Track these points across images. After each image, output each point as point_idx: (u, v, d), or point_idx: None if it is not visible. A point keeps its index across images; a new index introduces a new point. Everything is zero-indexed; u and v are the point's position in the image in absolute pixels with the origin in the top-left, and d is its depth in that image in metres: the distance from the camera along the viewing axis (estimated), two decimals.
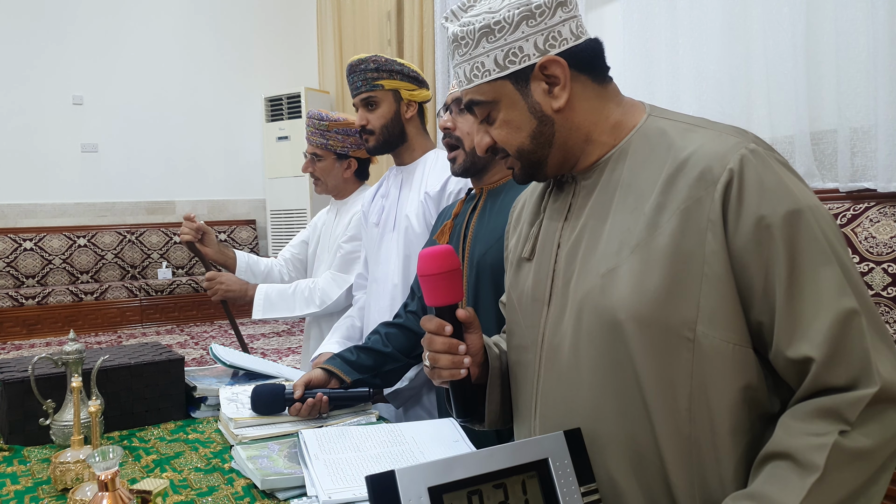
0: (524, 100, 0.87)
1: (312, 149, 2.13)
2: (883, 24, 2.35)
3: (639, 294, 0.79)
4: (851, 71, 2.51)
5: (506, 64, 0.85)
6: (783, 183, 0.77)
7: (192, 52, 6.82)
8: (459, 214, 1.50)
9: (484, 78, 0.87)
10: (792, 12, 2.69)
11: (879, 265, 2.23)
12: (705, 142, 0.81)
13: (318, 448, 1.12)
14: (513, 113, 0.88)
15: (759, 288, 0.76)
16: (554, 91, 0.86)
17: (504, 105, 0.88)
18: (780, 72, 2.79)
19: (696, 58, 3.11)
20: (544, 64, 0.85)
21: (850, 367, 0.72)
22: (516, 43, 0.84)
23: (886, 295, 2.20)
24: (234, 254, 2.21)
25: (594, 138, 0.89)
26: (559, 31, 0.85)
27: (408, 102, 1.78)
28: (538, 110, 0.87)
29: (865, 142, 2.50)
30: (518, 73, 0.86)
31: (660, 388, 0.79)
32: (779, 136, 2.85)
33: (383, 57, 1.74)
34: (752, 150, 0.78)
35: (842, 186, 2.51)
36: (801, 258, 0.74)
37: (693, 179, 0.79)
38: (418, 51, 5.35)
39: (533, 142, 0.89)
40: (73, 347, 1.21)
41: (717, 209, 0.77)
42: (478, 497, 0.77)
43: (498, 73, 0.86)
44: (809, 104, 2.66)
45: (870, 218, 2.30)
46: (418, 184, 1.78)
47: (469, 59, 0.87)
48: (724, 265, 0.77)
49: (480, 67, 0.87)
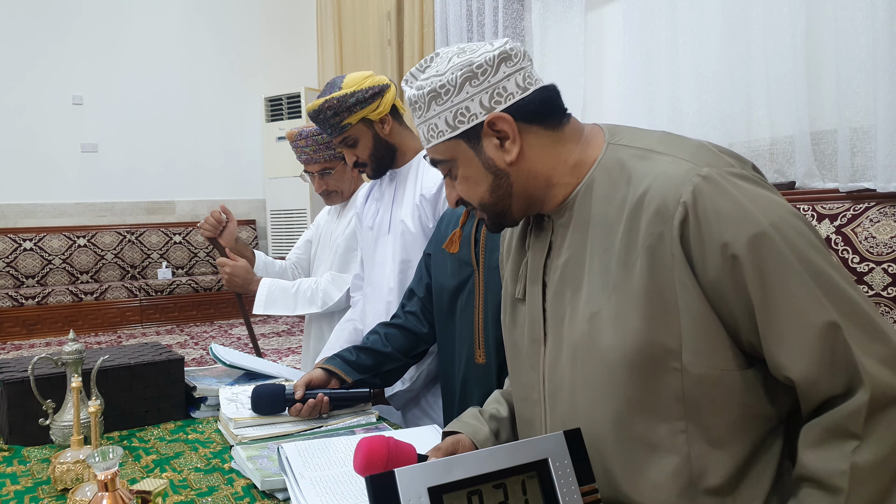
0: (478, 156, 0.89)
1: (320, 166, 2.06)
2: (883, 24, 2.35)
3: (623, 335, 0.81)
4: (851, 71, 2.51)
5: (456, 124, 0.87)
6: (740, 206, 0.76)
7: (192, 53, 6.82)
8: (467, 222, 1.49)
9: (439, 138, 0.89)
10: (792, 12, 2.69)
11: (879, 265, 2.23)
12: (659, 172, 0.80)
13: (303, 465, 1.08)
14: (469, 169, 0.90)
15: (740, 315, 0.77)
16: (505, 145, 0.88)
17: (461, 162, 0.90)
18: (780, 72, 2.79)
19: (696, 58, 3.11)
20: (491, 121, 0.86)
21: (839, 377, 0.73)
22: (462, 103, 0.86)
23: (886, 295, 2.20)
24: (253, 254, 2.22)
25: (555, 181, 0.90)
26: (504, 86, 0.86)
27: (381, 120, 1.73)
28: (492, 165, 0.89)
29: (865, 142, 2.50)
30: (468, 132, 0.88)
31: (655, 417, 0.81)
32: (779, 136, 2.85)
33: (334, 98, 1.65)
34: (705, 175, 0.77)
35: (842, 186, 2.51)
36: (771, 280, 0.74)
37: (652, 215, 0.79)
38: (419, 51, 5.35)
39: (492, 195, 0.91)
40: (72, 347, 1.21)
41: (678, 245, 0.77)
42: (477, 497, 0.77)
43: (450, 133, 0.88)
44: (809, 104, 2.66)
45: (870, 218, 2.30)
46: (412, 186, 1.77)
47: (424, 122, 0.90)
48: (699, 297, 0.77)
49: (434, 129, 0.89)
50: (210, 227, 2.10)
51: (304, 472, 1.06)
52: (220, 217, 2.12)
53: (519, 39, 4.43)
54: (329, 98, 1.66)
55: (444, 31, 4.98)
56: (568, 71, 4.03)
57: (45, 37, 6.15)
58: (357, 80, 1.69)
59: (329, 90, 1.69)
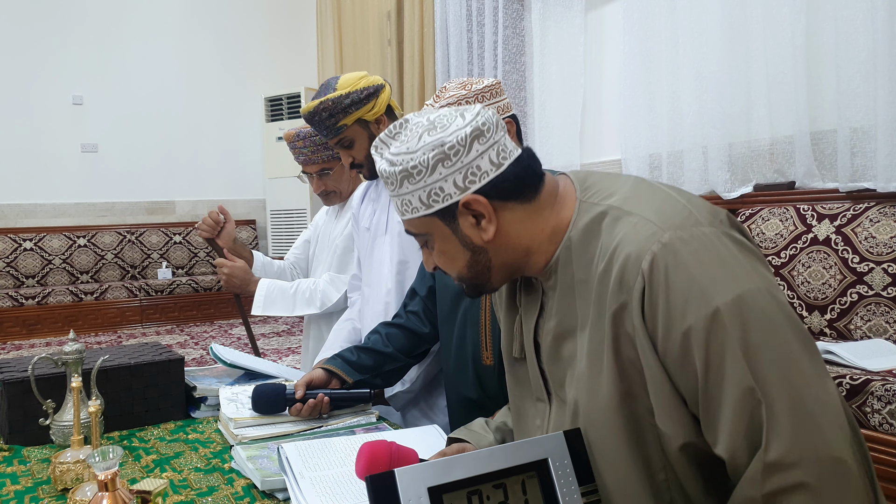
0: (454, 234, 0.87)
1: (318, 166, 2.07)
2: (883, 24, 2.35)
3: (608, 400, 0.82)
4: (851, 71, 2.51)
5: (430, 202, 0.85)
6: (695, 282, 0.74)
7: (191, 52, 6.82)
8: None
9: (413, 214, 0.87)
10: (792, 12, 2.69)
11: (879, 265, 2.23)
12: (624, 236, 0.80)
13: (303, 465, 1.08)
14: (446, 244, 0.88)
15: (688, 390, 0.77)
16: (482, 224, 0.86)
17: (437, 237, 0.89)
18: (780, 72, 2.79)
19: (696, 58, 3.11)
20: (466, 202, 0.84)
21: (747, 451, 0.73)
22: (436, 184, 0.84)
23: (886, 295, 2.20)
24: (251, 254, 2.21)
25: (535, 249, 0.89)
26: (477, 165, 0.84)
27: (376, 120, 1.72)
28: (469, 242, 0.87)
29: (865, 142, 2.50)
30: (443, 210, 0.85)
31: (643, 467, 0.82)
32: (779, 136, 2.85)
33: (329, 99, 1.65)
34: (666, 242, 0.76)
35: (842, 186, 2.51)
36: (713, 359, 0.73)
37: (616, 283, 0.79)
38: (419, 51, 5.35)
39: (470, 270, 0.90)
40: (72, 347, 1.21)
41: (639, 317, 0.77)
42: (477, 497, 0.77)
43: (425, 210, 0.86)
44: (809, 104, 2.67)
45: (870, 218, 2.30)
46: None
47: (398, 196, 0.87)
48: (658, 368, 0.78)
49: (409, 204, 0.87)
50: (208, 228, 2.10)
51: (304, 472, 1.06)
52: (218, 217, 2.11)
53: (519, 39, 4.43)
54: (324, 99, 1.66)
55: (444, 31, 4.98)
56: (568, 71, 4.03)
57: (46, 37, 6.15)
58: (352, 80, 1.69)
59: (324, 91, 1.69)
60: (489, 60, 4.54)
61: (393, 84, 5.73)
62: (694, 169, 3.17)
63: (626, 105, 3.51)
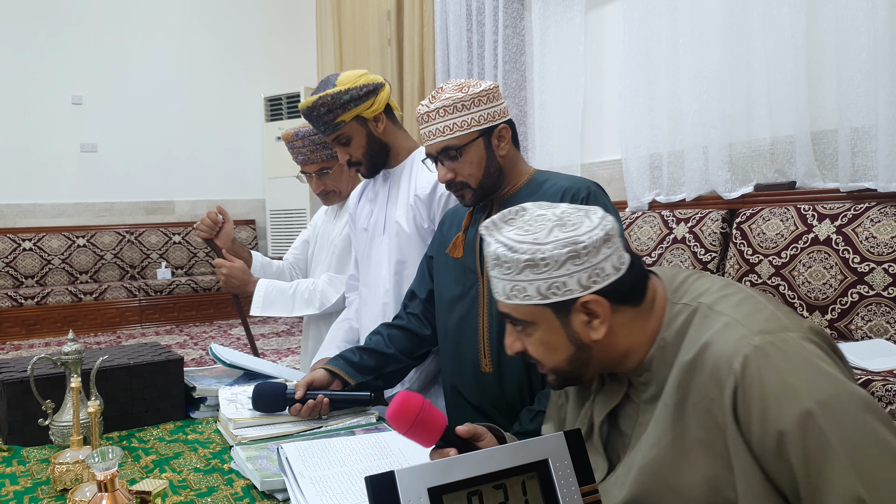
0: (563, 328, 0.89)
1: (317, 166, 2.05)
2: (883, 24, 2.35)
3: (692, 490, 0.83)
4: (851, 71, 2.51)
5: (548, 294, 0.87)
6: (787, 385, 0.77)
7: (191, 52, 6.82)
8: (470, 226, 1.47)
9: (525, 301, 0.88)
10: (792, 12, 2.69)
11: (880, 265, 2.23)
12: (714, 335, 0.83)
13: (303, 465, 1.08)
14: (551, 336, 0.90)
15: (788, 487, 0.78)
16: (593, 323, 0.88)
17: (542, 328, 0.90)
18: (780, 72, 2.78)
19: (696, 58, 3.11)
20: (587, 301, 0.87)
21: None
22: (560, 278, 0.86)
23: (887, 295, 2.20)
24: (249, 254, 2.20)
25: (633, 350, 0.91)
26: (602, 267, 0.86)
27: (374, 118, 1.72)
28: (577, 339, 0.89)
29: (866, 142, 2.50)
30: (559, 304, 0.87)
31: None
32: (779, 135, 2.85)
33: (328, 95, 1.64)
34: (757, 345, 0.80)
35: (842, 186, 2.51)
36: (814, 461, 0.75)
37: (706, 379, 0.82)
38: (419, 51, 5.35)
39: (570, 364, 0.91)
40: (72, 348, 1.21)
41: (730, 414, 0.80)
42: (478, 498, 0.77)
43: (539, 300, 0.87)
44: (810, 104, 2.66)
45: (870, 218, 2.30)
46: (406, 186, 1.76)
47: (510, 280, 0.88)
48: (751, 463, 0.79)
49: (521, 291, 0.88)
50: (206, 228, 2.09)
51: (304, 472, 1.06)
52: (217, 218, 2.10)
53: (519, 39, 4.42)
54: (323, 95, 1.65)
55: (444, 31, 4.98)
56: (568, 71, 4.03)
57: (45, 37, 6.15)
58: (351, 77, 1.69)
59: (323, 87, 1.68)
60: (489, 60, 4.54)
61: (393, 84, 5.72)
62: (694, 169, 3.17)
63: (627, 105, 3.50)
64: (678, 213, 3.06)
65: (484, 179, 1.37)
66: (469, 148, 1.35)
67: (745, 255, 2.66)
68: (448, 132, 1.34)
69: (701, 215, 2.94)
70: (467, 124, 1.33)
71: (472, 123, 1.34)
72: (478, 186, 1.38)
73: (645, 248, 3.10)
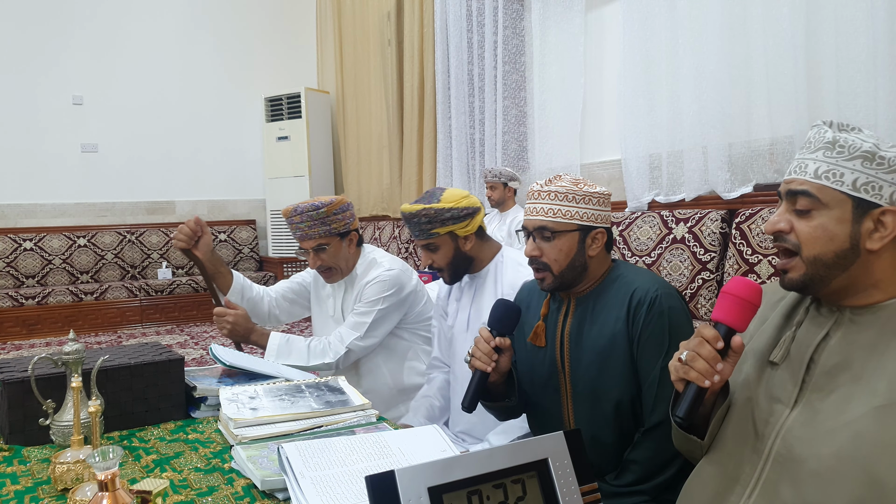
0: (852, 224, 0.92)
1: (315, 242, 2.04)
2: (883, 24, 2.35)
3: None
4: (851, 71, 2.51)
5: (860, 189, 0.91)
6: None
7: (192, 52, 6.82)
8: (549, 315, 1.48)
9: (833, 185, 0.92)
10: (792, 12, 2.69)
11: None
12: None
13: (303, 465, 1.08)
14: (835, 225, 0.93)
15: None
16: (874, 235, 0.92)
17: (832, 215, 0.93)
18: (780, 72, 2.78)
19: (696, 58, 3.11)
20: (886, 210, 0.90)
21: None
22: (881, 181, 0.90)
23: None
24: (230, 271, 2.15)
25: (881, 286, 0.94)
26: None
27: (465, 237, 1.83)
28: (856, 239, 0.92)
29: None
30: (864, 202, 0.91)
31: None
32: (779, 135, 2.85)
33: (433, 209, 1.78)
34: None
35: None
36: None
37: None
38: (418, 51, 5.35)
39: (834, 259, 0.94)
40: (72, 347, 1.21)
41: None
42: (477, 497, 0.77)
43: (848, 190, 0.92)
44: (809, 104, 2.66)
45: None
46: (492, 288, 1.86)
47: (832, 163, 0.92)
48: None
49: (836, 175, 0.92)
50: (185, 239, 2.03)
51: (305, 472, 1.06)
52: (195, 227, 2.04)
53: (519, 39, 4.43)
54: (427, 207, 1.78)
55: (444, 31, 4.98)
56: (568, 71, 4.03)
57: (45, 37, 6.15)
58: (456, 197, 1.82)
59: (428, 199, 1.80)
60: (489, 60, 4.54)
61: (393, 84, 5.72)
62: (694, 169, 3.18)
63: (626, 105, 3.51)
64: (678, 213, 3.06)
65: (566, 270, 1.40)
66: (563, 235, 1.39)
67: (744, 255, 2.66)
68: (551, 214, 1.39)
69: (700, 215, 2.95)
70: (570, 215, 1.39)
71: (574, 216, 1.39)
72: (559, 274, 1.41)
73: (644, 248, 3.10)
